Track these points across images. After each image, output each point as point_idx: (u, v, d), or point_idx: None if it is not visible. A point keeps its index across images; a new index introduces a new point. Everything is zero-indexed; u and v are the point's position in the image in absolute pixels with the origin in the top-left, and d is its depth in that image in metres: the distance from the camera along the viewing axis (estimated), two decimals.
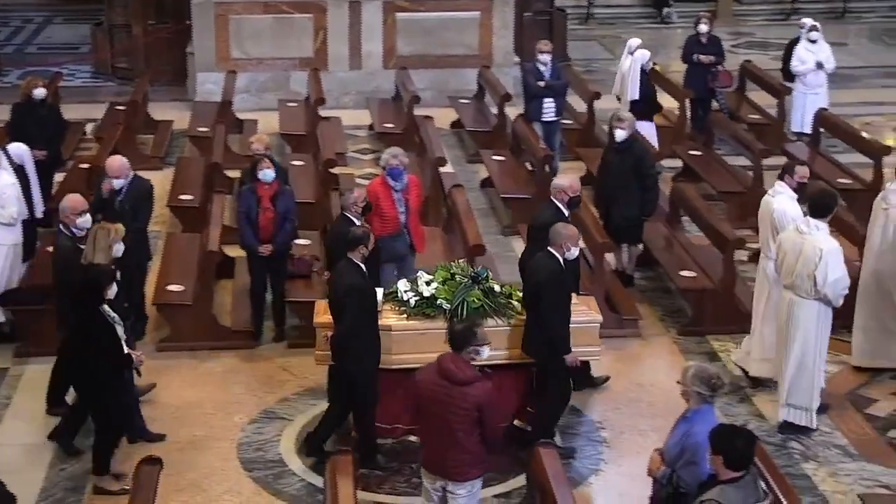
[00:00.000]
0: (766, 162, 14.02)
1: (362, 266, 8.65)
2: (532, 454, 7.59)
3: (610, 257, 11.68)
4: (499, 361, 8.83)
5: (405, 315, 8.92)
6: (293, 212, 10.77)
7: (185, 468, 8.84)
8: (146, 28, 18.97)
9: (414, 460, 8.47)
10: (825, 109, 15.21)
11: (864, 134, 14.80)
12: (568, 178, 10.29)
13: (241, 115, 16.43)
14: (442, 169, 13.45)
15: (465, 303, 8.87)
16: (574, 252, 8.97)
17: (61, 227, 9.51)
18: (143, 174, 11.17)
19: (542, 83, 14.30)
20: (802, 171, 10.03)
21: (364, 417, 8.84)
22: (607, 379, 9.84)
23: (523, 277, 9.45)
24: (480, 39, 18.02)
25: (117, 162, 10.65)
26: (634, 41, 15.22)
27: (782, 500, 6.92)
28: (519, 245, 12.62)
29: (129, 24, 19.08)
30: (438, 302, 8.92)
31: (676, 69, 17.28)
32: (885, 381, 9.90)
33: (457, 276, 9.10)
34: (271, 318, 10.91)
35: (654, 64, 15.06)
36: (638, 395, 9.90)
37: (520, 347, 8.93)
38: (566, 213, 9.93)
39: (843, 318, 9.88)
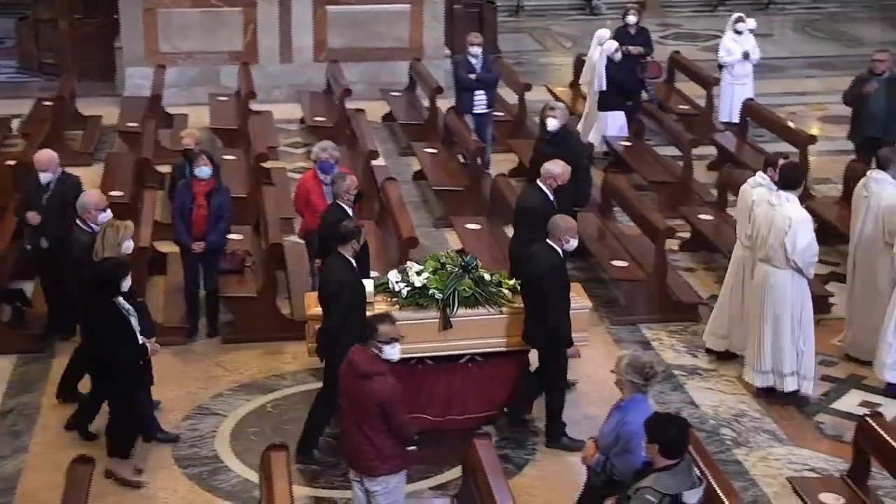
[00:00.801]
0: (696, 152, 14.21)
1: (352, 261, 8.62)
2: (468, 446, 7.63)
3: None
4: (491, 349, 9.05)
5: (397, 306, 8.96)
6: (227, 209, 10.70)
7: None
8: (73, 22, 18.73)
9: None
10: (752, 99, 15.42)
11: (790, 123, 15.02)
12: (559, 164, 10.40)
13: (170, 110, 16.29)
14: (374, 162, 13.45)
15: (457, 292, 8.96)
16: (573, 244, 9.03)
17: (79, 222, 9.49)
18: (73, 171, 11.05)
19: (473, 75, 14.33)
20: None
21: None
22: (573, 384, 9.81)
23: (514, 263, 9.56)
24: (411, 32, 18.02)
25: (46, 156, 10.57)
26: (603, 32, 15.36)
27: (714, 485, 7.02)
28: (452, 237, 12.69)
29: (55, 19, 18.81)
30: (430, 292, 8.99)
31: None
32: None
33: (447, 266, 9.18)
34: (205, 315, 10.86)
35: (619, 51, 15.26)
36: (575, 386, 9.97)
37: (512, 336, 9.05)
38: (552, 198, 10.01)
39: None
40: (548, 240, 8.93)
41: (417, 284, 9.05)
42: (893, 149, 10.56)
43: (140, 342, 8.49)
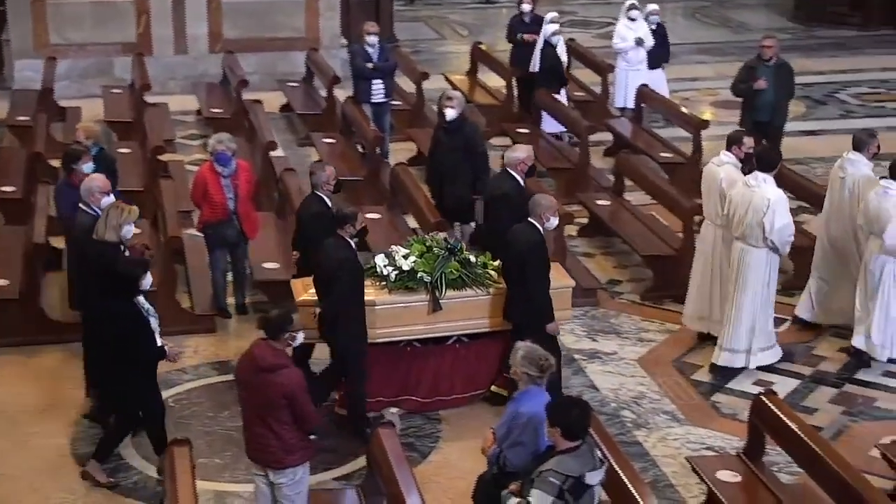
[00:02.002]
0: (592, 138, 14.37)
1: (350, 242, 8.72)
2: (372, 435, 7.65)
3: (443, 236, 11.80)
4: (478, 330, 9.25)
5: (386, 290, 9.09)
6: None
7: (17, 468, 8.65)
8: None
9: None
10: (646, 86, 15.64)
11: (684, 109, 15.28)
12: (523, 148, 10.56)
13: (63, 103, 15.99)
14: (273, 153, 13.38)
15: (444, 274, 9.09)
16: (554, 222, 9.19)
17: (82, 205, 9.34)
18: None
19: (370, 65, 14.32)
20: (749, 143, 10.40)
21: (357, 389, 8.92)
22: None
23: (486, 248, 9.75)
24: (307, 22, 17.94)
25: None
26: (551, 15, 15.46)
27: (616, 466, 7.12)
28: None
29: None
30: (419, 275, 9.10)
31: (502, 49, 17.51)
32: (707, 347, 10.27)
33: (434, 249, 9.29)
34: None
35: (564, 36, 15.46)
36: None
37: (498, 316, 9.19)
38: (523, 182, 10.14)
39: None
40: (529, 218, 9.08)
41: (405, 268, 9.16)
42: (868, 130, 10.86)
43: (160, 344, 8.31)
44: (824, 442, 7.76)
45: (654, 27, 15.86)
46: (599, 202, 12.80)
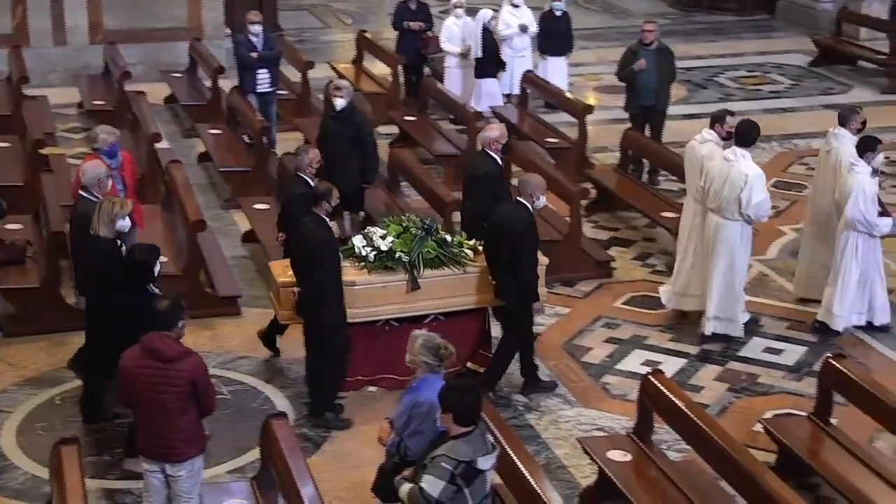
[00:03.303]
0: (480, 124, 14.42)
1: (327, 220, 8.82)
2: (264, 427, 7.61)
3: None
4: (456, 308, 9.40)
5: (365, 270, 9.22)
6: None
7: None
8: None
9: None
10: (531, 71, 15.77)
11: (569, 94, 15.44)
12: (495, 127, 10.70)
13: None
14: (157, 145, 13.18)
15: (421, 254, 9.23)
16: (543, 201, 9.36)
17: (85, 193, 9.35)
18: None
19: (254, 54, 14.20)
20: (732, 122, 10.57)
21: (336, 369, 8.98)
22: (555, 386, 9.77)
23: (468, 229, 9.90)
24: (190, 12, 17.71)
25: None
26: (483, 13, 15.54)
27: (508, 450, 7.20)
28: (240, 218, 12.57)
29: None
30: (397, 255, 9.23)
31: (388, 36, 17.51)
32: (597, 329, 10.42)
33: (410, 229, 9.41)
34: None
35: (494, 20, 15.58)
36: None
37: (475, 294, 9.40)
38: (500, 161, 10.30)
39: None
40: (518, 197, 9.23)
41: (383, 248, 9.29)
42: (850, 106, 11.17)
43: None
44: (710, 419, 7.95)
45: (558, 14, 15.95)
46: None
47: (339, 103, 11.71)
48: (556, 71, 16.03)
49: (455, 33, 15.76)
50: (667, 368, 9.56)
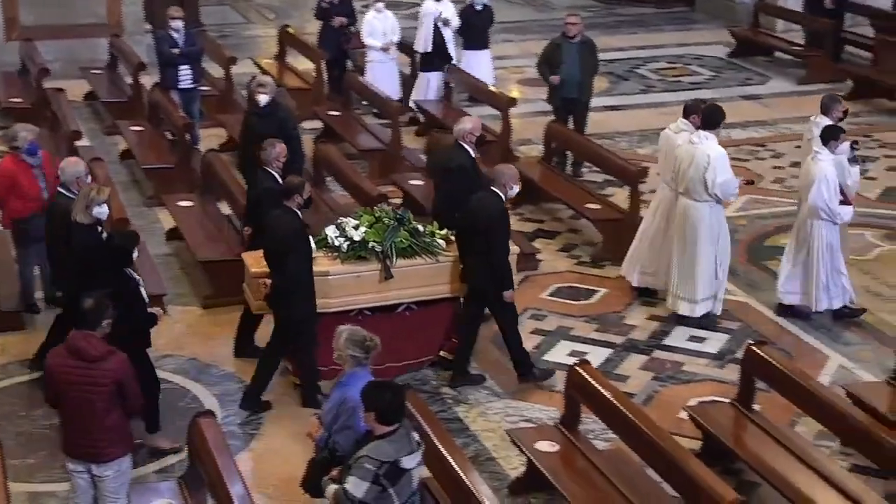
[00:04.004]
0: (403, 118, 14.46)
1: (299, 213, 8.88)
2: (191, 425, 7.56)
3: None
4: (428, 297, 9.50)
5: (339, 260, 9.29)
6: None
7: None
8: None
9: None
10: (454, 64, 15.79)
11: (492, 87, 15.49)
12: (469, 119, 10.77)
13: None
14: (78, 142, 13.03)
15: (394, 244, 9.32)
16: (516, 190, 9.49)
17: (63, 189, 9.38)
18: None
19: (176, 50, 14.08)
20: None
21: (308, 361, 9.09)
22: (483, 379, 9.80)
23: (441, 220, 9.92)
24: (109, 7, 17.50)
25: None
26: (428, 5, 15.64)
27: (437, 443, 7.22)
28: (164, 216, 12.46)
29: None
30: (370, 245, 9.31)
31: (311, 31, 17.45)
32: (524, 321, 10.48)
33: (383, 219, 9.48)
34: None
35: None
36: None
37: (447, 283, 9.50)
38: (473, 152, 10.39)
39: None
40: (492, 187, 9.33)
41: (356, 238, 9.35)
42: (832, 95, 11.34)
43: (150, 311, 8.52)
44: (636, 407, 8.02)
45: (479, 7, 15.99)
46: (413, 182, 12.90)
47: (263, 100, 11.66)
48: (480, 64, 16.07)
49: (376, 28, 15.74)
50: (593, 359, 9.61)
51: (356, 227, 9.44)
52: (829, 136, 10.32)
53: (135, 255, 8.45)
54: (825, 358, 10.02)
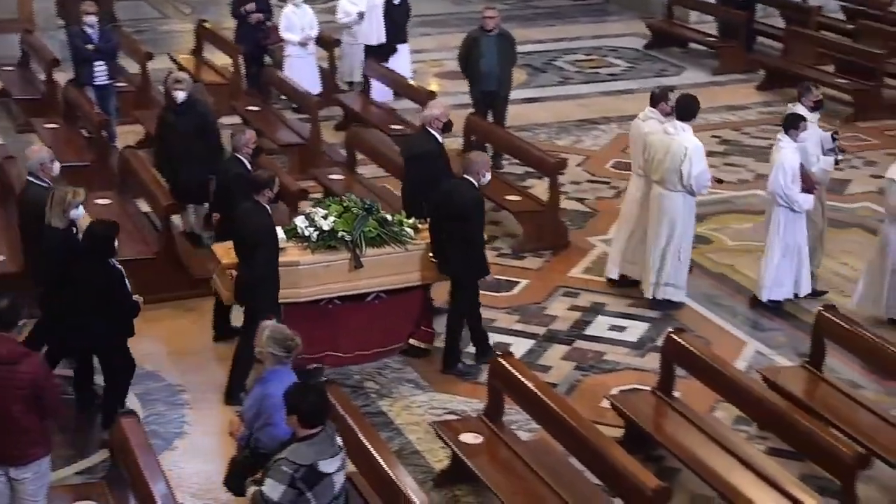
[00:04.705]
0: (322, 113, 14.42)
1: (268, 208, 8.93)
2: (114, 425, 7.50)
3: (176, 218, 11.64)
4: (398, 285, 9.62)
5: (308, 250, 9.36)
6: None
7: None
8: None
9: None
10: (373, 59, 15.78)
11: (412, 81, 15.51)
12: (437, 104, 10.94)
13: None
14: None
15: (363, 233, 9.41)
16: (488, 177, 9.63)
17: (32, 178, 9.33)
18: None
19: (90, 46, 13.90)
20: (674, 98, 10.86)
21: None
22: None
23: (411, 207, 10.15)
24: (20, 2, 17.23)
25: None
26: None
27: (361, 437, 7.23)
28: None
29: None
30: (339, 234, 9.39)
31: (228, 26, 17.31)
32: (442, 317, 10.53)
33: (352, 209, 9.57)
34: None
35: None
36: (217, 353, 9.97)
37: (416, 271, 9.61)
38: (441, 139, 10.56)
39: None
40: (465, 175, 9.44)
41: (326, 228, 9.43)
42: (806, 84, 11.50)
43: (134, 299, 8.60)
44: (558, 397, 8.12)
45: (397, 1, 16.00)
46: (332, 177, 12.87)
47: (180, 96, 11.57)
48: (398, 59, 16.07)
49: (294, 22, 15.67)
50: (515, 350, 9.73)
51: (325, 217, 9.53)
52: (790, 125, 10.51)
53: (115, 244, 8.52)
54: (742, 344, 10.19)
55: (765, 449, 8.47)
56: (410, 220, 9.83)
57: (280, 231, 9.24)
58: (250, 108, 14.97)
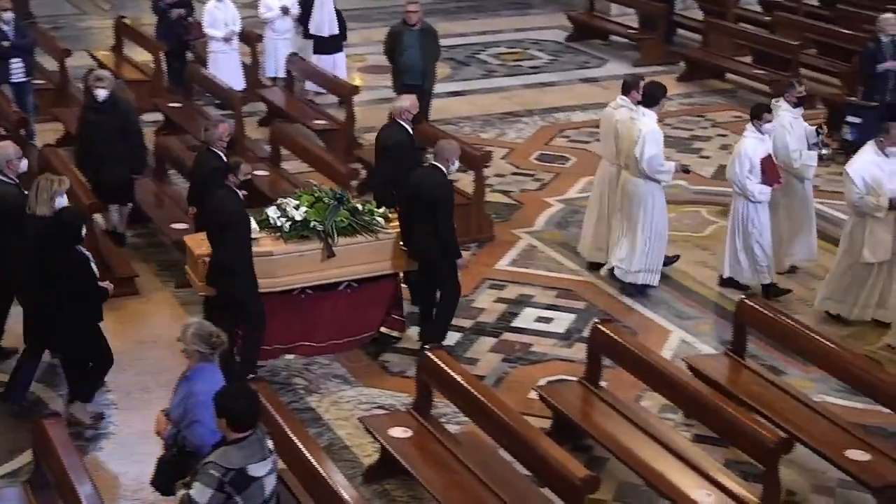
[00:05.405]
0: (245, 109, 14.34)
1: (239, 192, 8.96)
2: (36, 427, 7.39)
3: (99, 218, 11.51)
4: (370, 274, 9.73)
5: (281, 239, 9.47)
6: None
7: None
8: None
9: None
10: (295, 54, 15.72)
11: (334, 76, 15.45)
12: (406, 97, 11.07)
13: None
14: None
15: (335, 222, 9.51)
16: (456, 165, 9.86)
17: None
18: None
19: (5, 43, 13.69)
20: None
21: (256, 339, 9.24)
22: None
23: (381, 198, 10.29)
24: None
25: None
26: None
27: (290, 434, 7.21)
28: None
29: None
30: (311, 224, 9.48)
31: (148, 22, 17.14)
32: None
33: (323, 199, 9.66)
34: None
35: None
36: (142, 353, 9.88)
37: (388, 260, 9.73)
38: (411, 130, 10.71)
39: None
40: (433, 161, 9.67)
41: (298, 218, 9.52)
42: (789, 80, 11.65)
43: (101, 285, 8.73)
44: (486, 390, 8.16)
45: None
46: (257, 173, 12.76)
47: (101, 94, 11.43)
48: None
49: (217, 18, 15.56)
50: (443, 343, 9.74)
51: (297, 208, 9.60)
52: (754, 114, 10.66)
53: (83, 231, 8.61)
54: (667, 333, 10.31)
55: (690, 436, 8.58)
56: (381, 210, 9.95)
57: (253, 222, 9.28)
58: (173, 104, 14.84)
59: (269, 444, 6.19)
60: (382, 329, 10.04)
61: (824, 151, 11.42)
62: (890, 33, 14.02)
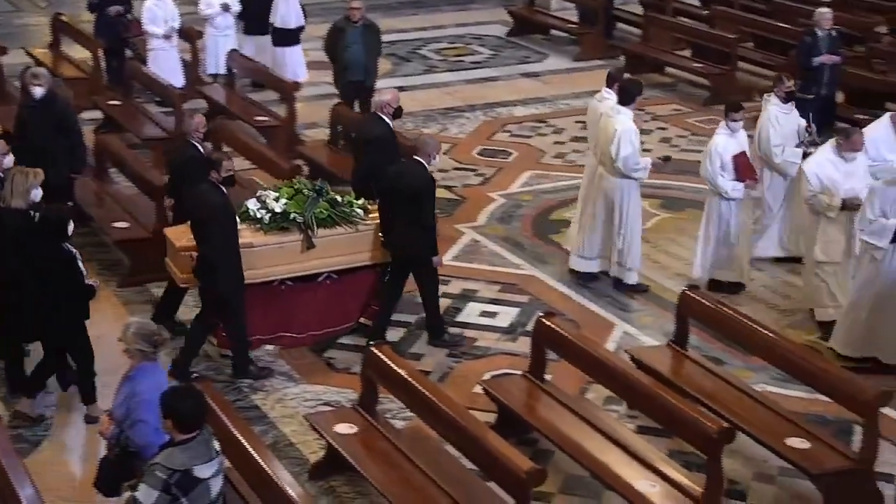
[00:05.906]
0: (186, 106, 14.24)
1: (222, 187, 8.97)
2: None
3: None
4: (350, 265, 9.84)
5: (261, 231, 9.57)
6: None
7: None
8: None
9: None
10: (236, 50, 15.64)
11: (276, 73, 15.40)
12: (387, 91, 11.21)
13: None
14: None
15: (314, 214, 9.59)
16: (438, 160, 9.87)
17: None
18: None
19: None
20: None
21: (239, 331, 9.31)
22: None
23: (358, 190, 10.40)
24: None
25: None
26: None
27: (235, 432, 7.17)
28: None
29: None
30: (291, 216, 9.57)
31: (86, 19, 16.98)
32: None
33: (303, 191, 9.79)
34: None
35: None
36: None
37: (367, 251, 9.85)
38: (391, 123, 10.76)
39: None
40: (416, 157, 9.66)
41: (277, 210, 9.61)
42: (779, 75, 11.61)
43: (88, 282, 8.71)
44: (432, 385, 8.17)
45: None
46: None
47: (38, 92, 11.31)
48: (263, 49, 15.94)
49: (157, 15, 15.43)
50: (388, 338, 9.74)
51: (277, 199, 9.68)
52: (725, 111, 10.76)
53: (70, 229, 8.57)
54: (610, 325, 10.39)
55: (634, 427, 8.65)
56: (360, 201, 10.00)
57: (235, 216, 9.33)
58: (112, 102, 14.71)
59: (216, 445, 6.16)
60: (362, 320, 10.12)
61: (811, 150, 11.50)
62: (825, 27, 14.21)
